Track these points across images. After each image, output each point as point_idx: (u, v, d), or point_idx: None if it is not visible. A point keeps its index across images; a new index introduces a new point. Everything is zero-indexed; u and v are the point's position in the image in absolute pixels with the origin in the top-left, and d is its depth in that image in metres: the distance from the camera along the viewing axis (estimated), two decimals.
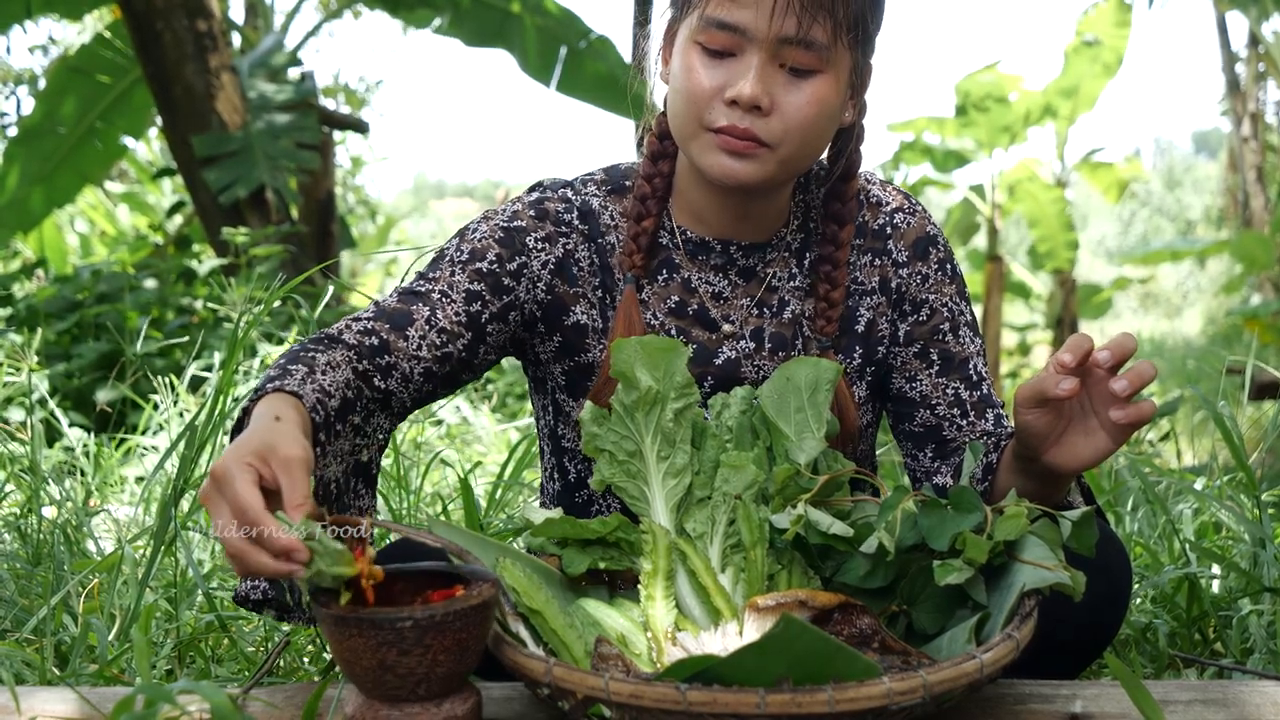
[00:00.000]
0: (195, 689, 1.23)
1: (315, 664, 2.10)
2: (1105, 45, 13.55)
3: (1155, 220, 31.13)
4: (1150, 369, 1.53)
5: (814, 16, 1.66)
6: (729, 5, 1.67)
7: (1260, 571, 2.31)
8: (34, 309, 6.40)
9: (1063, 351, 1.52)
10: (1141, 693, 1.37)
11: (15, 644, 1.98)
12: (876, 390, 1.96)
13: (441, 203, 43.26)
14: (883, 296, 1.91)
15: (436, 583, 1.46)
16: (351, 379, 1.64)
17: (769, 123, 1.70)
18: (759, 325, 1.88)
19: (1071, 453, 1.61)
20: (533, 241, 1.84)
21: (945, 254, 1.94)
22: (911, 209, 1.94)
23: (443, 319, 1.76)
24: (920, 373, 1.92)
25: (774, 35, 1.66)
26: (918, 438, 1.94)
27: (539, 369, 1.94)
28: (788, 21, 1.65)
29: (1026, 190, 14.65)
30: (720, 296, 1.89)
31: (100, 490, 3.36)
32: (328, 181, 8.38)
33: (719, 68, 1.70)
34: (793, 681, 1.25)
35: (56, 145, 8.36)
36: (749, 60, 1.68)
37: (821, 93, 1.70)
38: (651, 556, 1.56)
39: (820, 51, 1.68)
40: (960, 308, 1.93)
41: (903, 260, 1.91)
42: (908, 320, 1.92)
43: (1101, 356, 1.51)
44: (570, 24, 8.33)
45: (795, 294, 1.90)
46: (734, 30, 1.68)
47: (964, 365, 1.91)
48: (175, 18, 7.10)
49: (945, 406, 1.91)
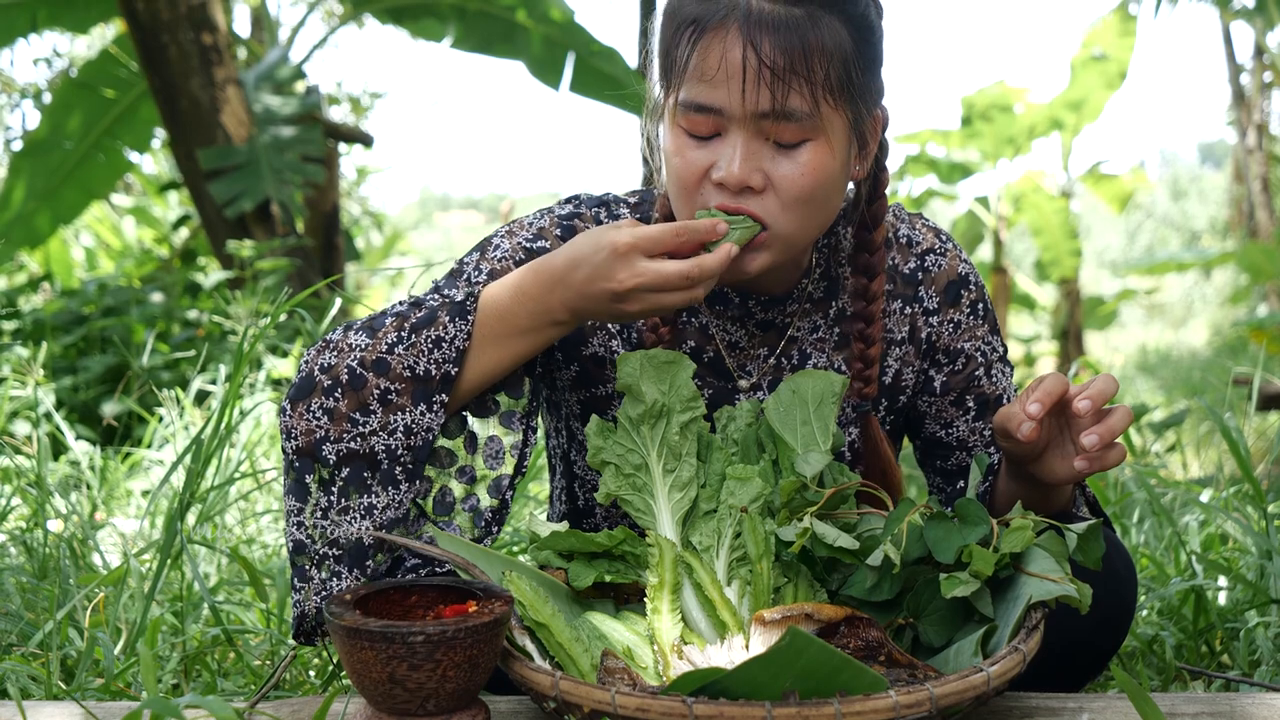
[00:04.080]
0: (201, 703, 1.23)
1: (321, 677, 2.10)
2: (1111, 58, 13.55)
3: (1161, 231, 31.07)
4: (1124, 420, 1.54)
5: (789, 85, 1.57)
6: (702, 86, 1.60)
7: (1267, 583, 2.31)
8: (40, 322, 6.40)
9: (1032, 400, 1.53)
10: (1148, 705, 1.37)
11: (21, 658, 1.98)
12: (896, 435, 1.94)
13: (447, 215, 43.28)
14: (911, 346, 1.86)
15: (450, 597, 1.46)
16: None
17: (764, 201, 1.63)
18: (778, 378, 1.84)
19: (1049, 470, 1.64)
20: None
21: (977, 294, 1.88)
22: (942, 249, 1.87)
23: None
24: (957, 419, 1.89)
25: (749, 111, 1.59)
26: (949, 474, 1.93)
27: (555, 393, 1.92)
28: (761, 96, 1.58)
29: (1031, 202, 14.64)
30: (736, 346, 1.84)
31: (106, 504, 3.36)
32: (333, 194, 8.37)
33: (704, 149, 1.64)
34: (799, 695, 1.25)
35: (62, 160, 8.37)
36: (733, 140, 1.62)
37: (815, 161, 1.62)
38: (658, 569, 1.56)
39: (803, 120, 1.60)
40: (993, 345, 1.89)
41: (934, 308, 1.86)
42: (942, 370, 1.87)
43: (1081, 406, 1.52)
44: (576, 34, 8.33)
45: (818, 346, 1.85)
46: (711, 111, 1.61)
47: (998, 404, 1.89)
48: (181, 31, 7.10)
49: (981, 447, 1.89)
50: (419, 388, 1.60)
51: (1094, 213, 28.61)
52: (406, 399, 1.60)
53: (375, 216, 16.37)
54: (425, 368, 1.60)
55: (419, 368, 1.60)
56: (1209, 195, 32.10)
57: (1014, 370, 1.96)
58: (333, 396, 1.60)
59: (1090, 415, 1.54)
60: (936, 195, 15.26)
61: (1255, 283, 14.90)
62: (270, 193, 7.20)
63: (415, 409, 1.61)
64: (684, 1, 1.64)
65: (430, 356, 1.60)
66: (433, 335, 1.61)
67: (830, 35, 1.58)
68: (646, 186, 1.93)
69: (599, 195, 1.89)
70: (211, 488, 2.54)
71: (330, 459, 1.60)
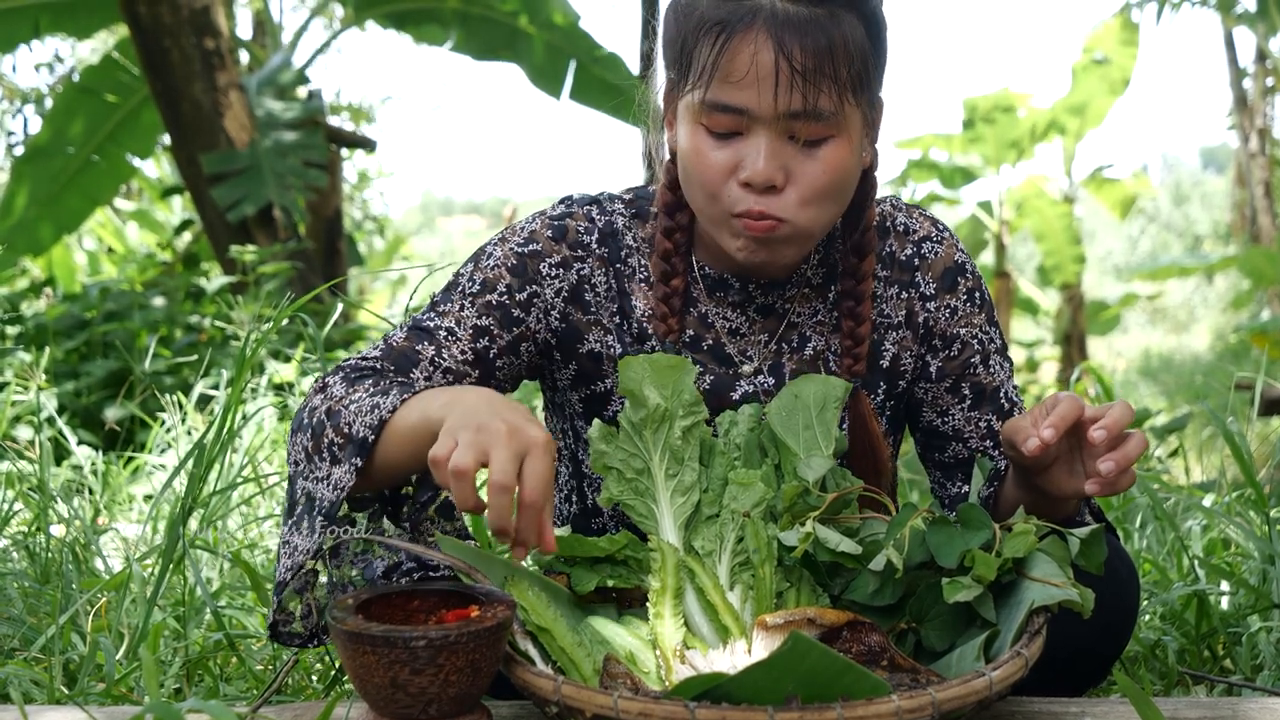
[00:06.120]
0: (204, 708, 1.23)
1: (323, 682, 2.10)
2: (1113, 63, 13.57)
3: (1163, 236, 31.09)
4: (1139, 448, 1.54)
5: (818, 86, 1.59)
6: (729, 88, 1.61)
7: (1270, 588, 2.31)
8: (43, 327, 6.40)
9: (1046, 425, 1.53)
10: (1151, 710, 1.37)
11: (23, 663, 1.98)
12: (897, 422, 1.94)
13: (449, 219, 43.35)
14: (908, 331, 1.87)
15: (452, 602, 1.46)
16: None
17: (784, 198, 1.64)
18: (778, 362, 1.84)
19: (1055, 484, 1.64)
20: (546, 268, 1.80)
21: (974, 282, 1.88)
22: (939, 237, 1.88)
23: (448, 359, 1.73)
24: (952, 407, 1.89)
25: (779, 112, 1.60)
26: (948, 468, 1.92)
27: (557, 394, 1.92)
28: (794, 97, 1.59)
29: (1034, 206, 14.66)
30: (737, 333, 1.84)
31: (108, 508, 3.36)
32: (335, 199, 8.39)
33: (727, 148, 1.65)
34: (801, 699, 1.25)
35: (64, 166, 8.38)
36: (757, 139, 1.62)
37: (836, 157, 1.65)
38: (660, 574, 1.56)
39: (829, 119, 1.62)
40: (990, 335, 1.89)
41: (930, 293, 1.86)
42: (938, 356, 1.88)
43: (1096, 436, 1.52)
44: (578, 39, 8.34)
45: (818, 329, 1.85)
46: (737, 112, 1.62)
47: (995, 395, 1.89)
48: (183, 35, 7.12)
49: (978, 439, 1.89)
50: (351, 446, 1.57)
51: (1096, 217, 28.64)
52: (342, 454, 1.58)
53: (377, 221, 16.39)
54: (358, 429, 1.57)
55: (354, 427, 1.57)
56: (1211, 200, 32.13)
57: (1013, 366, 1.95)
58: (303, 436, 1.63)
59: (1106, 443, 1.54)
60: (939, 200, 15.27)
61: (1257, 287, 14.90)
62: (272, 197, 7.22)
63: (342, 467, 1.58)
64: (701, 1, 1.64)
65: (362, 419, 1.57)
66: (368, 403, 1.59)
67: (851, 33, 1.61)
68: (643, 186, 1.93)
69: (592, 195, 1.89)
70: (214, 492, 2.54)
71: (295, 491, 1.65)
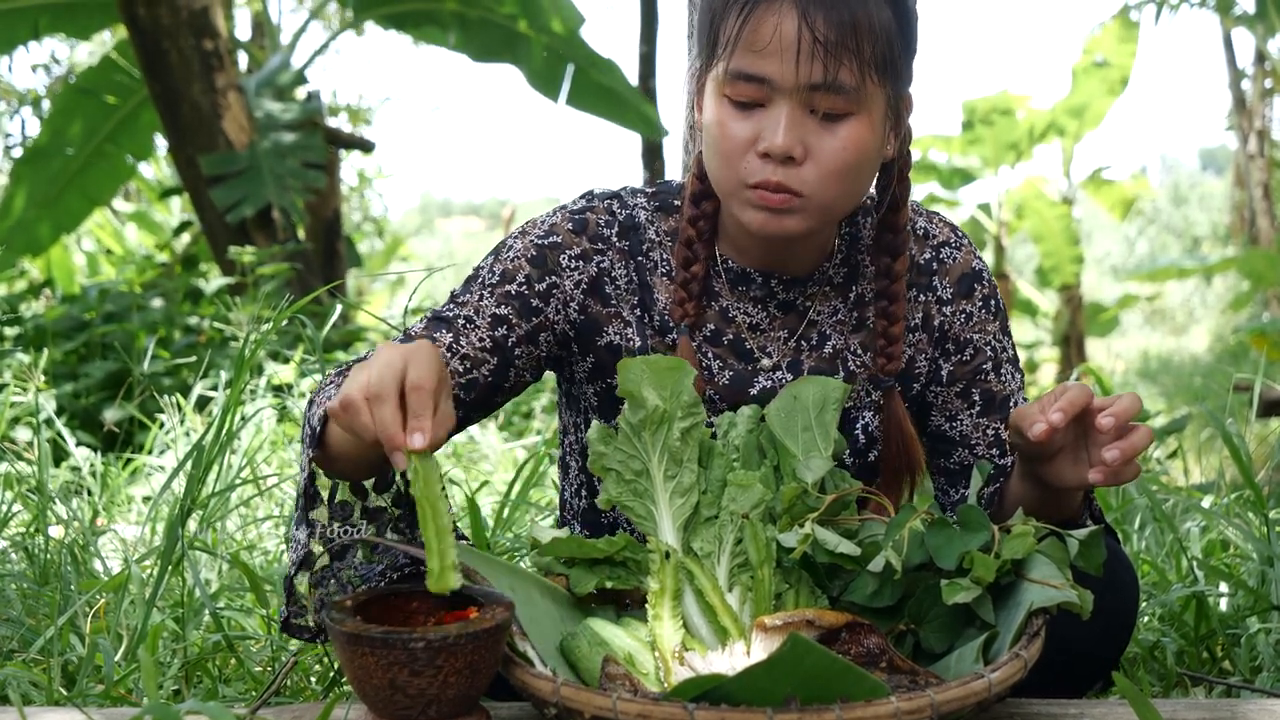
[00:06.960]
0: (202, 709, 1.23)
1: (322, 683, 2.10)
2: (1112, 64, 13.58)
3: (1162, 237, 31.07)
4: (1145, 439, 1.56)
5: (839, 60, 1.62)
6: (752, 57, 1.64)
7: (1268, 589, 2.31)
8: (41, 328, 6.40)
9: (1055, 409, 1.54)
10: (1149, 711, 1.37)
11: (22, 664, 1.97)
12: (914, 425, 1.94)
13: (448, 221, 43.29)
14: (924, 334, 1.88)
15: (451, 603, 1.46)
16: None
17: (802, 172, 1.66)
18: (797, 359, 1.85)
19: (1059, 474, 1.65)
20: (566, 260, 1.81)
21: (989, 289, 1.90)
22: (958, 243, 1.90)
23: (465, 346, 1.75)
24: (961, 412, 1.90)
25: (800, 83, 1.63)
26: (952, 474, 1.93)
27: (573, 386, 1.93)
28: (814, 68, 1.62)
29: (1033, 208, 14.66)
30: (757, 328, 1.86)
31: (107, 510, 3.36)
32: (334, 200, 8.39)
33: (748, 120, 1.67)
34: (800, 701, 1.25)
35: (63, 167, 8.38)
36: (778, 110, 1.65)
37: (856, 135, 1.67)
38: (659, 575, 1.56)
39: (850, 94, 1.64)
40: (1003, 344, 1.91)
41: (947, 298, 1.88)
42: (950, 360, 1.89)
43: (1104, 424, 1.53)
44: (577, 45, 8.34)
45: (837, 329, 1.87)
46: (760, 81, 1.65)
47: (1004, 404, 1.90)
48: (182, 37, 7.12)
49: (984, 446, 1.90)
50: (311, 436, 1.63)
51: (1095, 219, 28.65)
52: (308, 445, 1.64)
53: (376, 222, 16.38)
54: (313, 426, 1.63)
55: (315, 417, 1.63)
56: (1210, 201, 32.11)
57: (1024, 378, 1.96)
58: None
59: (1112, 432, 1.55)
60: (938, 201, 15.28)
61: (1256, 289, 14.90)
62: (271, 198, 7.22)
63: (305, 457, 1.64)
64: None
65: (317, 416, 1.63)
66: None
67: (877, 13, 1.64)
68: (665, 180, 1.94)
69: (614, 189, 1.91)
70: (213, 494, 2.54)
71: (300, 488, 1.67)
